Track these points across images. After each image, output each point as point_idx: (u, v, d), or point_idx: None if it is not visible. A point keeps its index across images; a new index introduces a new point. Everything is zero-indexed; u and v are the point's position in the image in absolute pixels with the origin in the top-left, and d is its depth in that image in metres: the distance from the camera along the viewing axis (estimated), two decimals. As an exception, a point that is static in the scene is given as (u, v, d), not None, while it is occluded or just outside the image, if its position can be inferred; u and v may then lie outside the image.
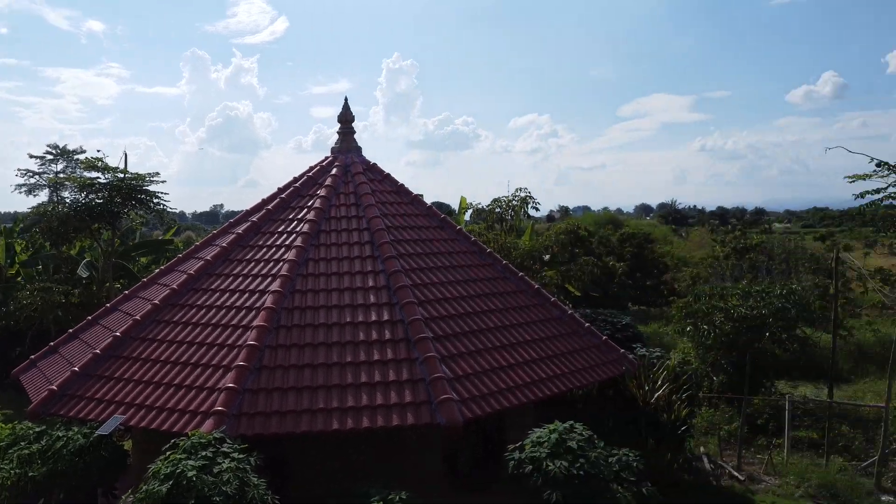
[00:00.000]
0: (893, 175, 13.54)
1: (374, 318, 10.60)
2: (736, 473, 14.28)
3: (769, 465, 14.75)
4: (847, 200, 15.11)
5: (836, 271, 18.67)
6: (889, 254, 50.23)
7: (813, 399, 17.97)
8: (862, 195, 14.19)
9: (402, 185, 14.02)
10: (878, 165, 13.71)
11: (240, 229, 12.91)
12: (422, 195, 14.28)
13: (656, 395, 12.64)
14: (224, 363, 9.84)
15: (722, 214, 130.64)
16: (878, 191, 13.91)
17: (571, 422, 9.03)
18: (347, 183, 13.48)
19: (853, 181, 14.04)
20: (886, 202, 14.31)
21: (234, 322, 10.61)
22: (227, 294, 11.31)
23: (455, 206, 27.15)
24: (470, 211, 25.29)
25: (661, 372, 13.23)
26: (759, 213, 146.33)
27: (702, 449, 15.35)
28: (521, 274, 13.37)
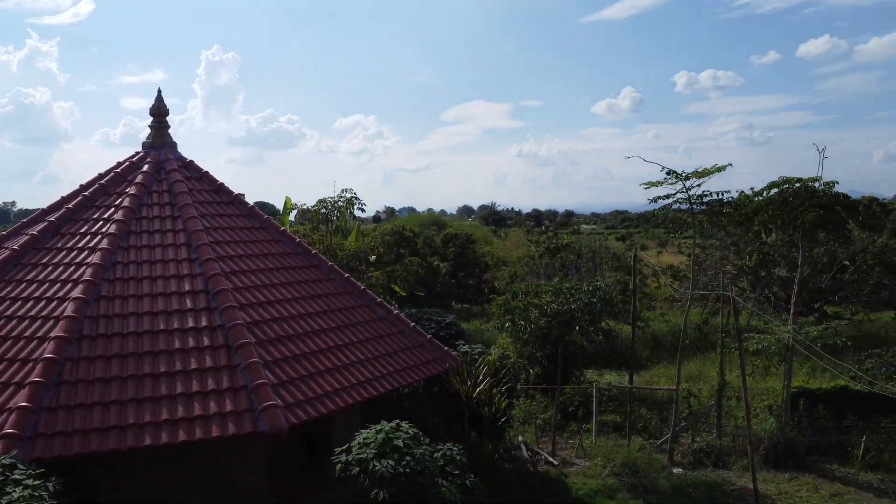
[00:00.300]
0: (680, 183, 15.21)
1: (191, 324, 10.04)
2: (551, 459, 15.26)
3: (580, 449, 15.92)
4: (643, 204, 16.69)
5: (634, 269, 20.57)
6: (678, 252, 56.18)
7: (616, 385, 19.62)
8: (655, 200, 15.81)
9: (222, 184, 13.41)
10: (667, 174, 15.33)
11: (35, 230, 11.64)
12: (243, 195, 13.75)
13: (478, 389, 13.16)
14: (15, 380, 8.82)
15: (537, 216, 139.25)
16: (668, 196, 15.58)
17: (398, 421, 9.15)
18: (161, 181, 12.64)
19: (648, 187, 15.59)
20: (675, 206, 16.06)
21: (27, 333, 9.55)
22: (20, 302, 10.16)
23: (279, 206, 26.45)
24: (295, 212, 24.74)
25: (482, 367, 13.79)
26: (570, 215, 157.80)
27: (520, 438, 16.22)
28: (346, 275, 13.31)
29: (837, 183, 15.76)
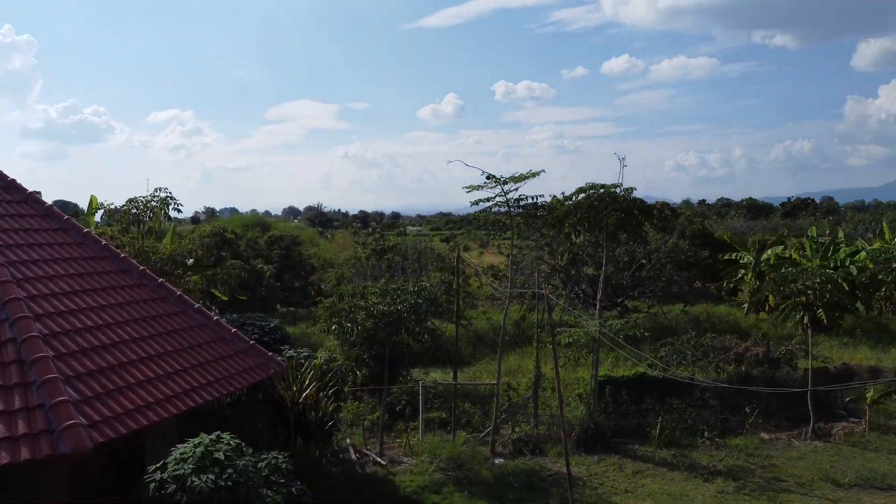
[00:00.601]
0: (499, 187, 15.94)
1: (-26, 338, 8.90)
2: (379, 459, 15.36)
3: (407, 447, 16.17)
4: (466, 207, 17.27)
5: (457, 269, 21.27)
6: (498, 252, 58.84)
7: (442, 383, 20.15)
8: (476, 203, 16.42)
9: (14, 181, 12.03)
10: (487, 178, 15.99)
11: None
12: (39, 193, 12.43)
13: (304, 394, 12.93)
14: None
15: (364, 218, 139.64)
16: (488, 199, 16.24)
17: (218, 432, 8.75)
18: (-66, 177, 11.09)
19: (469, 191, 16.16)
20: (495, 209, 16.80)
21: None
22: None
23: (84, 205, 24.24)
24: (101, 212, 22.79)
25: (308, 371, 13.56)
26: (396, 217, 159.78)
27: (348, 440, 16.16)
28: (160, 280, 12.50)
29: (635, 189, 17.35)
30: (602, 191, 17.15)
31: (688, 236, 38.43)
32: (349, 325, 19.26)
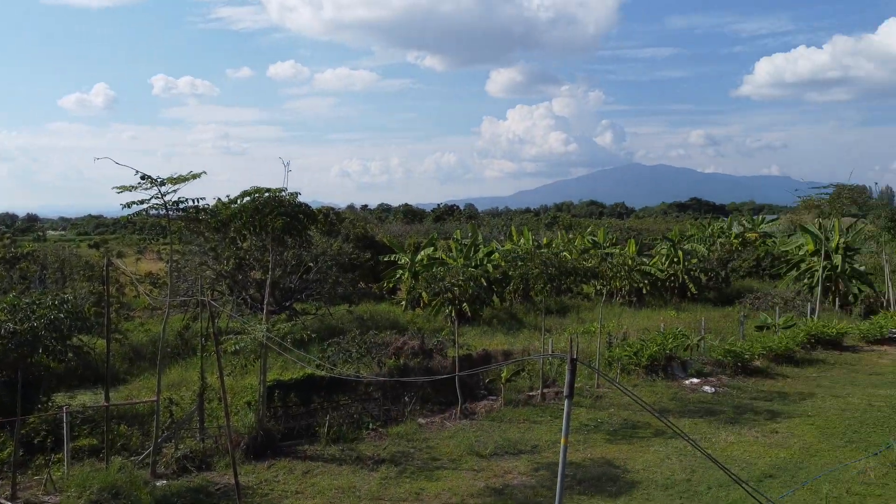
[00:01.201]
0: (156, 188, 14.88)
1: None
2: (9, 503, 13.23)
3: (49, 484, 14.20)
4: (120, 209, 15.74)
5: (106, 278, 19.27)
6: (158, 259, 54.90)
7: (92, 405, 18.11)
8: (129, 205, 15.09)
9: None
10: (142, 178, 14.82)
11: None
12: None
13: None
14: None
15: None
16: (142, 202, 15.05)
17: None
18: None
19: (121, 192, 14.79)
20: (153, 212, 15.64)
21: None
22: None
23: None
24: None
25: None
26: (33, 219, 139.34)
27: (-32, 487, 13.62)
28: None
29: (300, 193, 17.64)
30: (267, 194, 17.09)
31: (352, 239, 40.29)
32: (-39, 349, 16.18)
